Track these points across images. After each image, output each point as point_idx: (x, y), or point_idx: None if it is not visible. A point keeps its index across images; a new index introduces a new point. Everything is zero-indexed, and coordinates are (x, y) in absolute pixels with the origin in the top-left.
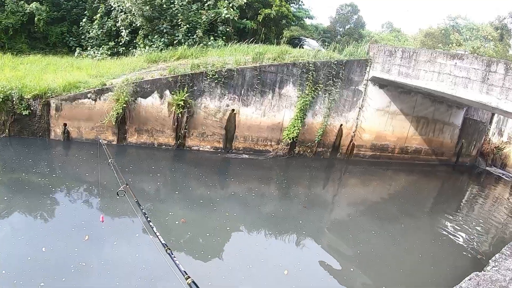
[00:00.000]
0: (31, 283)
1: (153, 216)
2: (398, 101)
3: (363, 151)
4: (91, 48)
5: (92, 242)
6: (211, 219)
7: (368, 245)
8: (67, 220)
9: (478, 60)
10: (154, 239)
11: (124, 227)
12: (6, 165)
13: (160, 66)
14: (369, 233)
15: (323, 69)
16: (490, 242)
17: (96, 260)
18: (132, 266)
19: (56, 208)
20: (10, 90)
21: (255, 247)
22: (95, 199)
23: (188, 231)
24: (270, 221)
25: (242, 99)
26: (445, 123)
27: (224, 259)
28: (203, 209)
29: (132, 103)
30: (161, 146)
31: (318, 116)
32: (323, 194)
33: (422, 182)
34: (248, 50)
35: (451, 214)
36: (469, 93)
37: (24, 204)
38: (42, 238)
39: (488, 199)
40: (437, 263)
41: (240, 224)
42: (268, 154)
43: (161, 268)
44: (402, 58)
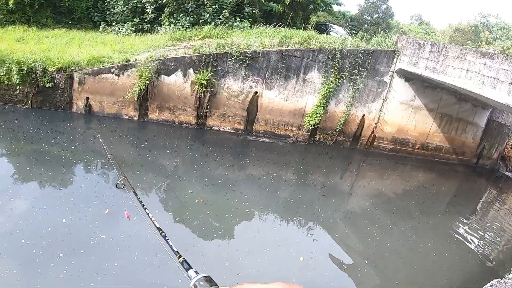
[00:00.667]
0: (51, 253)
1: (171, 193)
2: (423, 96)
3: (383, 144)
4: (115, 24)
5: (112, 216)
6: (230, 200)
7: (384, 239)
8: (88, 193)
9: (509, 61)
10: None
11: (143, 203)
12: (28, 136)
13: (185, 45)
14: (386, 228)
15: (349, 57)
16: (503, 249)
17: (116, 234)
18: (150, 241)
19: (77, 180)
20: (34, 62)
21: (273, 232)
22: (114, 174)
23: (206, 210)
24: (289, 206)
25: (265, 82)
26: (468, 122)
27: (241, 240)
28: (222, 189)
29: (155, 80)
30: (182, 124)
31: (341, 105)
32: (341, 183)
33: (440, 181)
34: (274, 33)
35: (467, 216)
36: (496, 94)
37: (46, 175)
38: (63, 210)
39: (506, 205)
40: (450, 264)
41: (259, 207)
42: (288, 139)
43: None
44: (431, 52)
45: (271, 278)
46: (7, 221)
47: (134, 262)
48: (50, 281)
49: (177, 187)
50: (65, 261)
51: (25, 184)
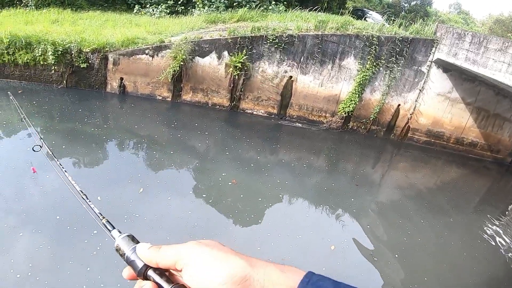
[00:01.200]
0: (85, 230)
1: (201, 173)
2: (461, 89)
3: (417, 135)
4: (150, 5)
5: (146, 195)
6: (262, 184)
7: (415, 234)
8: (121, 172)
9: None
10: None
11: (176, 183)
12: (64, 115)
13: (219, 27)
14: (417, 222)
15: (387, 45)
16: None
17: (150, 213)
18: (184, 221)
19: (111, 159)
20: (69, 43)
21: (305, 218)
22: (147, 153)
23: (240, 193)
24: (321, 194)
25: (300, 67)
26: (505, 119)
27: (274, 225)
28: (254, 173)
29: (189, 62)
30: (215, 106)
31: (376, 93)
32: (373, 174)
33: (473, 178)
34: (310, 17)
35: (498, 217)
36: None
37: (81, 153)
38: (98, 188)
39: None
40: (479, 266)
41: (291, 193)
42: (322, 125)
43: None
44: (471, 43)
45: (301, 264)
46: None
47: (167, 241)
48: None
49: (210, 168)
50: (98, 239)
51: (60, 162)
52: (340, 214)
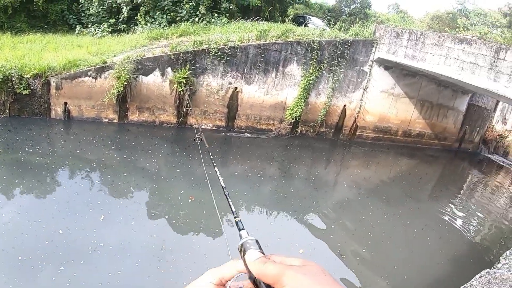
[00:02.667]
0: (51, 268)
1: (158, 194)
2: (403, 84)
3: (366, 133)
4: (91, 25)
5: (108, 222)
6: (221, 198)
7: (379, 226)
8: (78, 200)
9: (487, 46)
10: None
11: (136, 207)
12: (9, 146)
13: (162, 43)
14: (379, 215)
15: (328, 49)
16: (490, 231)
17: (115, 240)
18: (151, 245)
19: (64, 188)
20: (10, 70)
21: (270, 226)
22: (101, 178)
23: (201, 210)
24: (282, 200)
25: (245, 77)
26: (449, 108)
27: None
28: (211, 188)
29: (133, 81)
30: (163, 124)
31: (321, 96)
32: (328, 175)
33: (424, 166)
34: (251, 27)
35: (454, 200)
36: (476, 79)
37: (33, 185)
38: (57, 220)
39: (489, 187)
40: (443, 250)
41: (252, 203)
42: (271, 133)
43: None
44: (409, 40)
45: None
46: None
47: (137, 268)
48: None
49: (166, 187)
50: (67, 275)
51: (15, 197)
52: (303, 218)
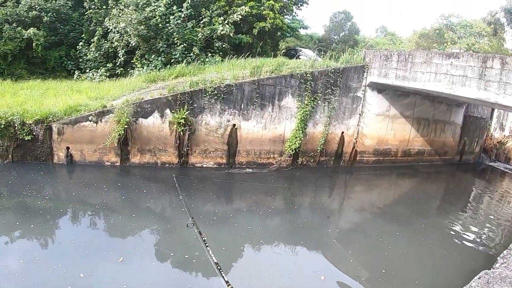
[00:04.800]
0: None
1: (172, 234)
2: (397, 105)
3: (366, 157)
4: (89, 70)
5: (128, 263)
6: (235, 235)
7: (395, 246)
8: (93, 244)
9: (473, 57)
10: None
11: (151, 247)
12: (14, 191)
13: (159, 85)
14: (393, 235)
15: (321, 78)
16: (500, 238)
17: (135, 282)
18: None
19: (76, 232)
20: (12, 116)
21: (290, 257)
22: (110, 221)
23: (216, 247)
24: (297, 231)
25: (242, 114)
26: (446, 122)
27: (263, 269)
28: (221, 225)
29: (133, 124)
30: (165, 165)
31: (319, 125)
32: (334, 202)
33: (428, 183)
34: (245, 64)
35: (461, 212)
36: (467, 91)
37: (43, 230)
38: (77, 264)
39: (495, 195)
40: (459, 260)
41: (267, 237)
42: (271, 166)
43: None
44: (398, 61)
45: None
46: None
47: None
48: None
49: (172, 228)
50: None
51: (31, 243)
52: (321, 246)
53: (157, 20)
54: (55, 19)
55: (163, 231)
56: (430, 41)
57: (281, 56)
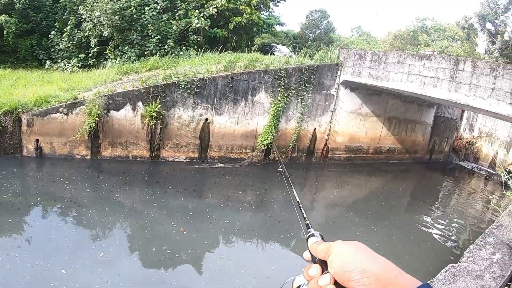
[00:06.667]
0: None
1: (146, 228)
2: (370, 103)
3: (337, 154)
4: (61, 60)
5: (107, 259)
6: (210, 230)
7: (370, 240)
8: (73, 239)
9: (445, 59)
10: None
11: (128, 241)
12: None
13: (132, 78)
14: (369, 229)
15: (295, 75)
16: (467, 234)
17: (117, 277)
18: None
19: (47, 227)
20: None
21: (272, 251)
22: (82, 215)
23: (187, 241)
24: (276, 226)
25: (215, 108)
26: (416, 122)
27: (247, 263)
28: (200, 220)
29: (105, 116)
30: (136, 159)
31: (291, 122)
32: (307, 198)
33: (398, 180)
34: (219, 58)
35: (431, 208)
36: (438, 92)
37: (16, 226)
38: (58, 260)
39: (463, 193)
40: (433, 251)
41: (249, 232)
42: (243, 161)
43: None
44: (372, 61)
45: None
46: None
47: None
48: None
49: (151, 221)
50: None
51: (7, 240)
52: (300, 240)
53: (132, 10)
54: (28, 6)
55: (141, 226)
56: (404, 43)
57: (256, 51)
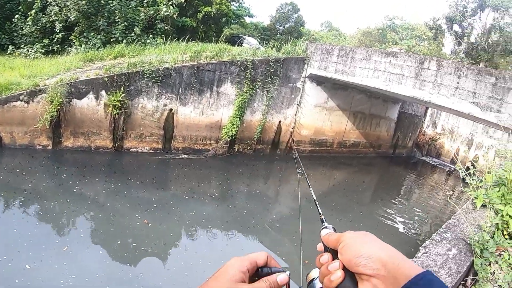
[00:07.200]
0: None
1: (110, 220)
2: (336, 97)
3: (302, 147)
4: (24, 46)
5: (73, 253)
6: (179, 222)
7: (339, 230)
8: (36, 232)
9: (411, 57)
10: None
11: (90, 234)
12: None
13: (97, 65)
14: (335, 220)
15: (261, 67)
16: (428, 227)
17: (86, 271)
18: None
19: (15, 221)
20: None
21: (239, 242)
22: (46, 209)
23: (157, 233)
24: (242, 218)
25: (180, 98)
26: (381, 117)
27: (215, 255)
28: (165, 212)
29: (67, 105)
30: (99, 149)
31: (256, 114)
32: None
33: (362, 173)
34: (186, 48)
35: (394, 202)
36: (403, 88)
37: None
38: (20, 255)
39: (425, 187)
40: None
41: (215, 224)
42: (208, 153)
43: None
44: (339, 55)
45: None
46: None
47: None
48: None
49: (114, 214)
50: None
51: None
52: (265, 231)
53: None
54: None
55: (104, 218)
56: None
57: (224, 42)
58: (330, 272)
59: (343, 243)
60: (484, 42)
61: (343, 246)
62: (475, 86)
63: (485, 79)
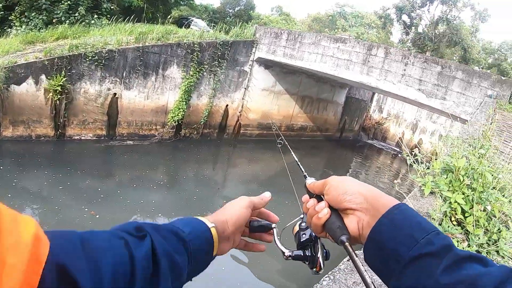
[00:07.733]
0: None
1: (51, 212)
2: (283, 81)
3: (250, 130)
4: None
5: None
6: (129, 211)
7: (289, 214)
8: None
9: (360, 44)
10: None
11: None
12: None
13: (37, 48)
14: (285, 203)
15: (209, 50)
16: None
17: None
18: None
19: None
20: None
21: None
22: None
23: (104, 224)
24: (192, 203)
25: (124, 82)
26: (329, 101)
27: None
28: (113, 202)
29: (5, 91)
30: (40, 138)
31: (203, 97)
32: (219, 174)
33: (310, 156)
34: (132, 29)
35: None
36: (350, 74)
37: None
38: None
39: (371, 169)
40: None
41: (165, 211)
42: (154, 138)
43: None
44: (288, 40)
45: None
46: None
47: None
48: None
49: (59, 205)
50: None
51: None
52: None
53: None
54: None
55: (49, 211)
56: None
57: (172, 24)
58: (317, 212)
59: (328, 185)
60: (431, 32)
61: (329, 187)
62: (421, 74)
63: (431, 68)
